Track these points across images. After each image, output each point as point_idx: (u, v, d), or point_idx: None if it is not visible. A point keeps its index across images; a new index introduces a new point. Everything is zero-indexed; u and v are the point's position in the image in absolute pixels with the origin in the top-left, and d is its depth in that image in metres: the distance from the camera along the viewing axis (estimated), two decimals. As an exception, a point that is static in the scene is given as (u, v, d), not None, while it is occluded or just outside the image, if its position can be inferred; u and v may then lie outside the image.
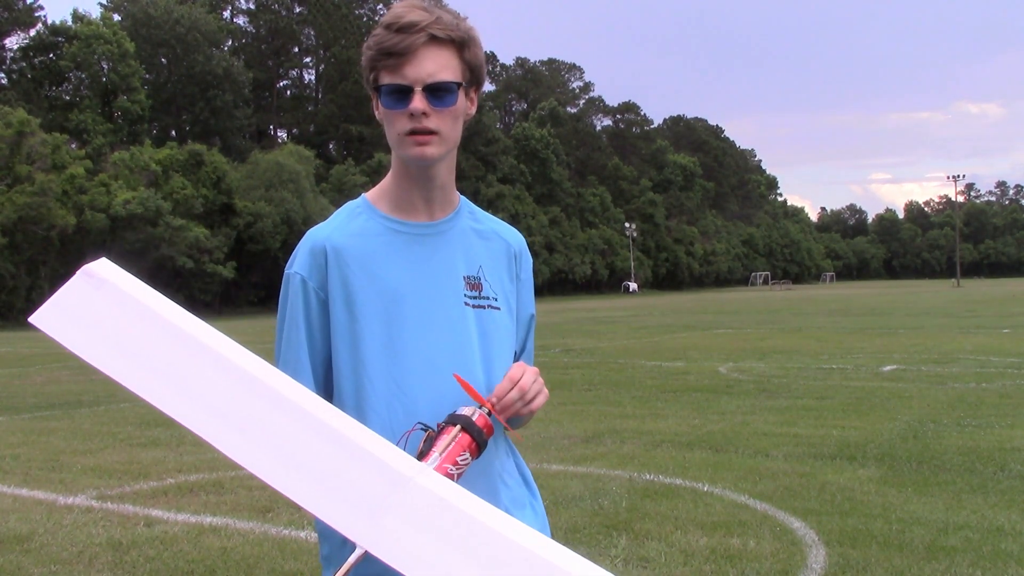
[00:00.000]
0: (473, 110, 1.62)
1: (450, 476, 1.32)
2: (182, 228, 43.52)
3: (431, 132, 1.51)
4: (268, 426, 1.28)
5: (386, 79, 1.51)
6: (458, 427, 1.39)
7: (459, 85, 1.53)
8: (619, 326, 27.37)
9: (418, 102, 1.49)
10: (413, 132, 1.51)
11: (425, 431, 1.44)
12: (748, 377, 12.48)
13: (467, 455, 1.37)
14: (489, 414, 1.44)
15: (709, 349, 17.66)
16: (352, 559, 1.22)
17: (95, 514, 5.74)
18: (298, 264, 1.60)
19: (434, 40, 1.51)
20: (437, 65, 1.51)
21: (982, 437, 7.61)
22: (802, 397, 10.33)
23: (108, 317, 1.32)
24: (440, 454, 1.35)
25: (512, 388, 1.49)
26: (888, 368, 13.19)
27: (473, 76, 1.57)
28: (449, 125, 1.54)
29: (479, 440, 1.39)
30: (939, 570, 4.37)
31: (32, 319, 1.33)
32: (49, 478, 6.90)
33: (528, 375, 1.53)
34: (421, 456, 1.35)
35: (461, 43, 1.54)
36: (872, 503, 5.60)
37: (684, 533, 4.99)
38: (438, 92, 1.51)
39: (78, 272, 1.36)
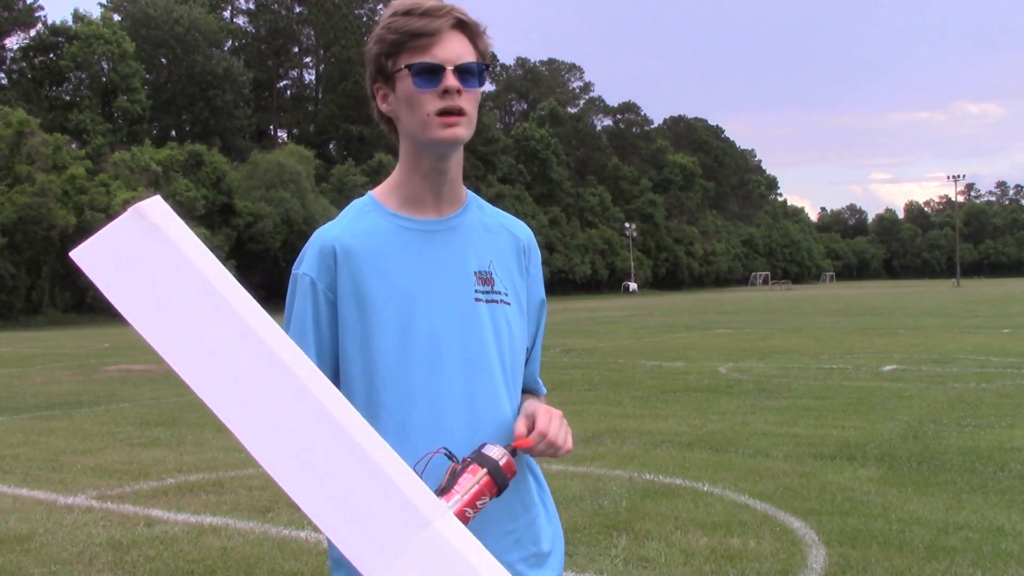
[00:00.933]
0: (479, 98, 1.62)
1: (467, 519, 1.30)
2: (182, 228, 43.47)
3: (461, 113, 1.51)
4: (297, 430, 1.20)
5: (415, 59, 1.50)
6: (485, 471, 1.36)
7: (485, 67, 1.55)
8: (619, 326, 27.37)
9: (451, 79, 1.49)
10: (444, 112, 1.50)
11: (449, 458, 1.41)
12: (748, 377, 12.48)
13: (487, 498, 1.35)
14: (514, 453, 1.42)
15: (709, 349, 17.65)
16: None
17: (95, 514, 5.74)
18: (306, 265, 1.58)
19: (459, 24, 1.52)
20: (463, 48, 1.52)
21: (982, 437, 7.61)
22: (802, 397, 10.33)
23: (149, 264, 1.22)
24: (462, 496, 1.32)
25: (543, 441, 1.48)
26: (888, 368, 13.19)
27: (485, 63, 1.58)
28: (474, 107, 1.55)
29: (501, 485, 1.37)
30: (939, 570, 4.36)
31: (73, 254, 1.23)
32: (49, 478, 6.90)
33: (555, 422, 1.50)
34: (442, 492, 1.32)
35: (477, 32, 1.56)
36: (872, 503, 5.60)
37: (684, 533, 4.99)
38: (466, 74, 1.52)
39: (129, 209, 1.25)
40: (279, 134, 76.08)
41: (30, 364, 17.67)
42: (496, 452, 1.39)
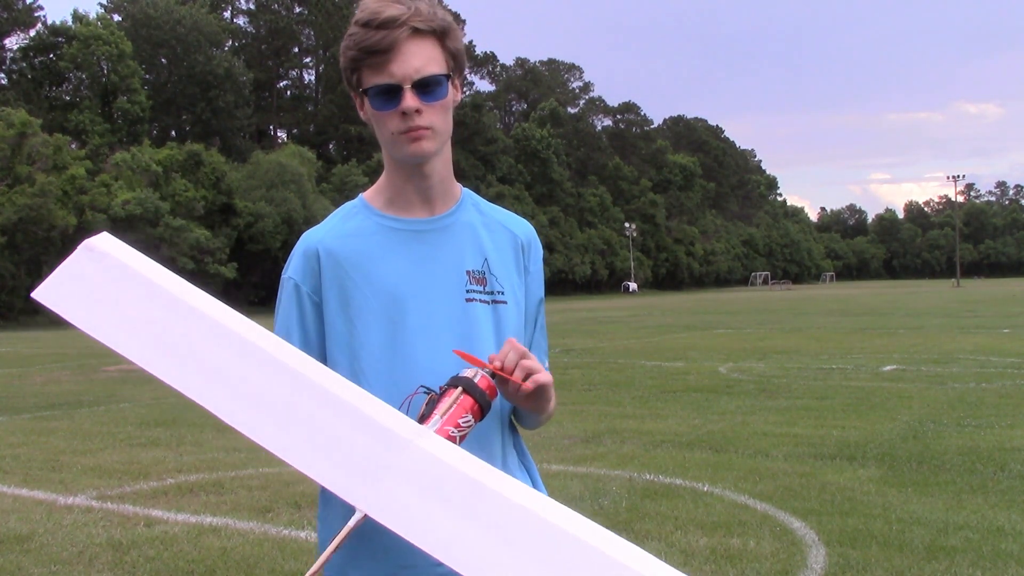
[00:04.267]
0: (459, 97, 1.58)
1: (452, 439, 1.30)
2: (182, 228, 43.52)
3: (425, 127, 1.48)
4: (265, 390, 1.28)
5: (372, 79, 1.47)
6: (460, 389, 1.36)
7: (447, 77, 1.50)
8: (619, 326, 27.36)
9: (409, 100, 1.45)
10: (407, 131, 1.48)
11: (427, 394, 1.41)
12: (748, 377, 12.48)
13: (470, 417, 1.34)
14: (492, 375, 1.40)
15: (709, 349, 17.65)
16: (352, 522, 1.21)
17: (95, 514, 5.74)
18: (292, 268, 1.57)
19: (417, 33, 1.47)
20: (423, 59, 1.47)
21: (982, 437, 7.61)
22: (802, 397, 10.33)
23: (110, 290, 1.33)
24: (441, 416, 1.32)
25: (510, 350, 1.43)
26: (888, 368, 13.19)
27: (456, 64, 1.54)
28: (441, 118, 1.51)
29: (482, 402, 1.36)
30: (939, 570, 4.37)
31: (35, 294, 1.33)
32: (49, 478, 6.90)
33: (524, 351, 1.45)
34: (423, 419, 1.33)
35: (442, 32, 1.50)
36: (872, 503, 5.60)
37: (684, 533, 4.99)
38: (428, 87, 1.47)
39: (79, 246, 1.35)
40: (279, 134, 76.09)
41: (30, 364, 17.67)
42: (469, 372, 1.39)
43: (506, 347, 1.44)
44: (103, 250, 1.35)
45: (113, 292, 1.33)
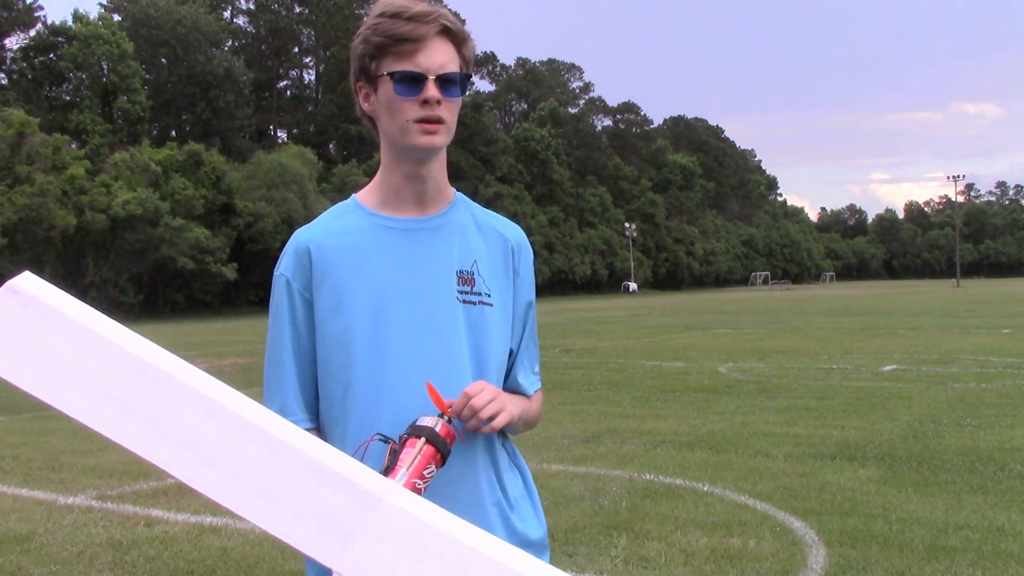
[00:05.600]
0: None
1: (417, 491, 1.30)
2: (182, 228, 43.52)
3: (440, 121, 1.51)
4: (224, 447, 1.20)
5: (397, 66, 1.50)
6: (423, 440, 1.35)
7: (467, 77, 1.55)
8: (619, 326, 27.36)
9: (432, 90, 1.49)
10: (423, 120, 1.50)
11: (385, 443, 1.40)
12: (748, 377, 12.48)
13: (433, 467, 1.34)
14: (449, 421, 1.40)
15: (709, 349, 17.65)
16: None
17: (95, 514, 5.74)
18: (283, 266, 1.59)
19: (444, 32, 1.52)
20: (447, 56, 1.52)
21: (982, 437, 7.61)
22: (802, 397, 10.33)
23: (37, 335, 1.22)
24: (407, 469, 1.31)
25: (465, 405, 1.45)
26: (888, 368, 13.19)
27: (468, 71, 1.58)
28: (453, 116, 1.55)
29: (443, 451, 1.36)
30: (939, 570, 4.36)
31: None
32: (49, 478, 6.90)
33: (486, 392, 1.48)
34: (387, 471, 1.32)
35: (463, 39, 1.55)
36: (872, 503, 5.60)
37: (684, 533, 4.99)
38: (448, 83, 1.51)
39: (1, 289, 1.24)
40: (279, 134, 76.06)
41: (30, 364, 17.66)
42: (430, 420, 1.38)
43: (461, 399, 1.46)
44: (29, 292, 1.23)
45: (40, 338, 1.22)
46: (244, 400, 1.23)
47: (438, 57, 1.50)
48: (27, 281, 1.24)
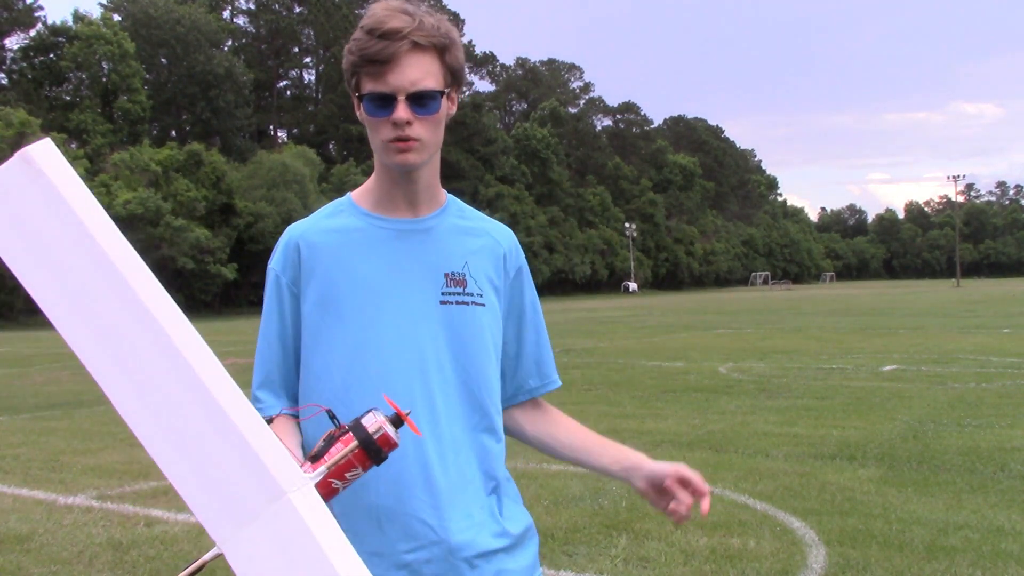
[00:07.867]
0: (453, 109, 1.60)
1: (334, 490, 1.28)
2: (182, 228, 43.53)
3: (414, 139, 1.50)
4: (165, 390, 1.18)
5: (368, 86, 1.49)
6: (356, 442, 1.31)
7: (442, 93, 1.52)
8: (619, 326, 27.36)
9: (401, 111, 1.48)
10: (396, 139, 1.50)
11: (331, 420, 1.36)
12: (748, 377, 12.48)
13: (359, 469, 1.30)
14: (398, 426, 1.34)
15: (709, 349, 17.65)
16: (207, 556, 1.20)
17: (95, 514, 5.74)
18: (274, 260, 1.61)
19: (417, 47, 1.48)
20: (420, 72, 1.49)
21: (982, 437, 7.61)
22: (802, 397, 10.33)
23: (34, 217, 1.17)
24: (328, 467, 1.28)
25: (677, 478, 1.71)
26: (888, 368, 13.19)
27: (454, 79, 1.56)
28: (430, 132, 1.53)
29: (375, 458, 1.31)
30: (939, 570, 4.37)
31: None
32: (49, 478, 6.90)
33: (694, 472, 1.68)
34: (315, 458, 1.29)
35: (443, 48, 1.52)
36: (872, 503, 5.60)
37: (684, 533, 4.98)
38: (421, 100, 1.49)
39: (16, 154, 1.18)
40: (279, 134, 76.10)
41: (30, 364, 17.67)
42: (373, 424, 1.33)
43: (682, 491, 1.70)
44: (40, 166, 1.17)
45: (34, 218, 1.17)
46: (203, 351, 1.19)
47: (410, 74, 1.47)
48: (43, 151, 1.18)
